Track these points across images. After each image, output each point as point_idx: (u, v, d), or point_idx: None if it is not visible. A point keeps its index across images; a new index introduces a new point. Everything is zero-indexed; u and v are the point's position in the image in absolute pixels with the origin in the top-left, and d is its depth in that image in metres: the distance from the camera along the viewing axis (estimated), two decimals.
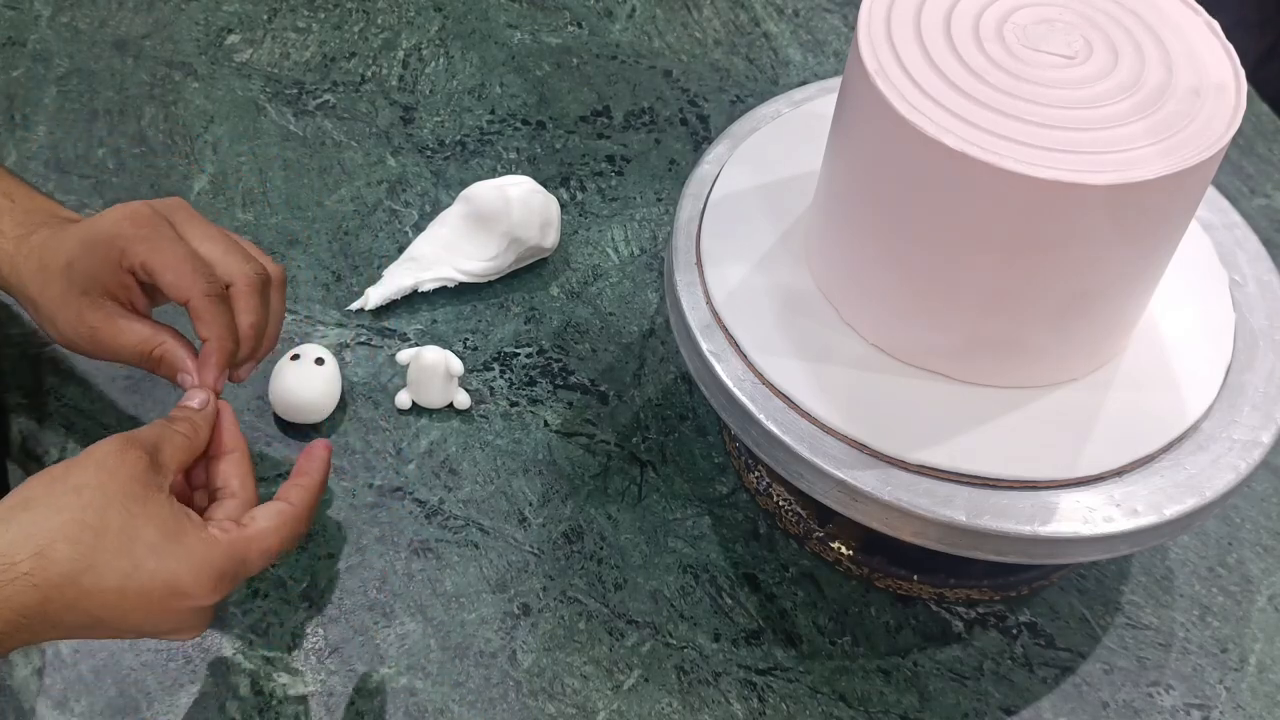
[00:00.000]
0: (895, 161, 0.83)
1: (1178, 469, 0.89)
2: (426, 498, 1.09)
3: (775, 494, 1.07)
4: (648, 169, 1.38)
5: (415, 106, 1.42)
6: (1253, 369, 0.95)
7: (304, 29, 1.50)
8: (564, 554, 1.06)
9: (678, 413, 1.16)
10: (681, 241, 1.01)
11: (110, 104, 1.39)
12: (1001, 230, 0.81)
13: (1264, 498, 1.14)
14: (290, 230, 1.28)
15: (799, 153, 1.05)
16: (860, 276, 0.92)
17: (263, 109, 1.40)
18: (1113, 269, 0.85)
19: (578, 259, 1.28)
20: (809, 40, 1.56)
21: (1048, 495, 0.87)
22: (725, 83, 1.49)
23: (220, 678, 0.97)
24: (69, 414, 1.12)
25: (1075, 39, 0.86)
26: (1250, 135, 1.48)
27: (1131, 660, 1.03)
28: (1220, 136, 0.80)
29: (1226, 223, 1.05)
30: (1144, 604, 1.06)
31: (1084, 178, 0.77)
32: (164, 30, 1.48)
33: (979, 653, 1.03)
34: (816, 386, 0.91)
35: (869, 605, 1.05)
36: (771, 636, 1.03)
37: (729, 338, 0.94)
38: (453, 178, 1.34)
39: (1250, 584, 1.08)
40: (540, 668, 0.99)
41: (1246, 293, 1.00)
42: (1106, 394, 0.93)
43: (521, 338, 1.21)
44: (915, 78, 0.82)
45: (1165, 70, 0.85)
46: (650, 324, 1.23)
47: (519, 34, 1.53)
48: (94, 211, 1.22)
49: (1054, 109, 0.82)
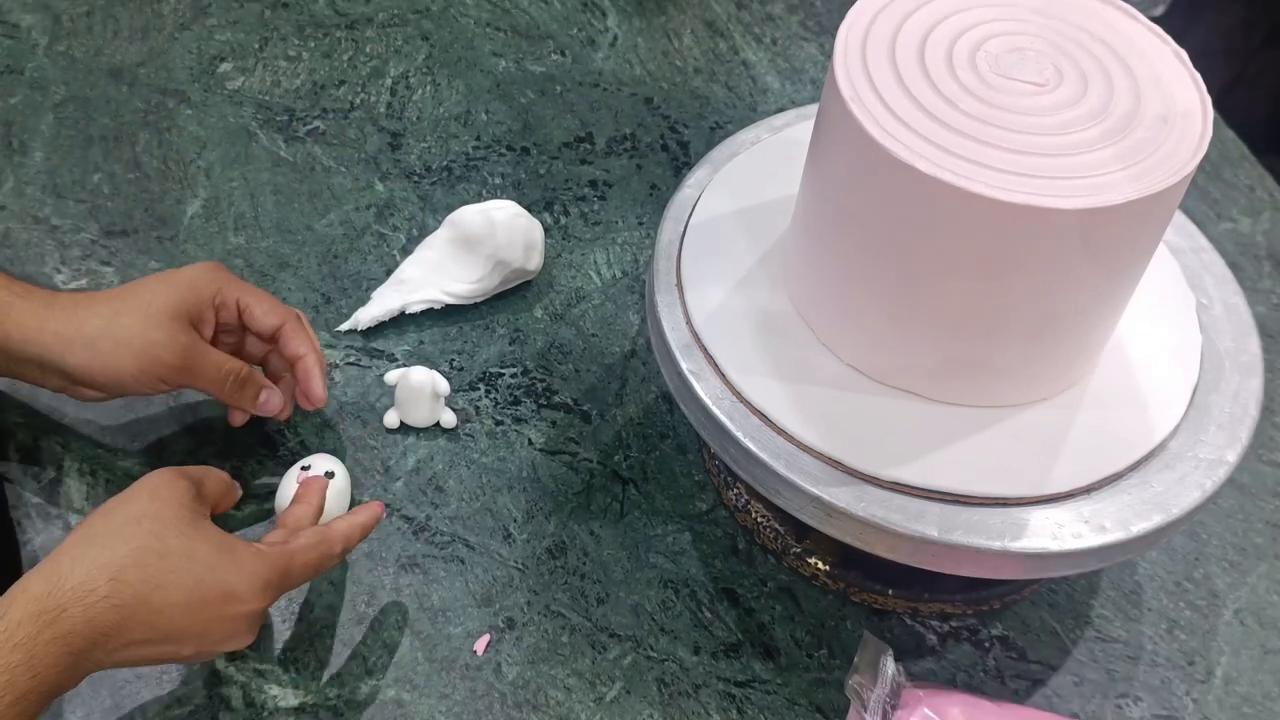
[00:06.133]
0: (870, 186, 0.84)
1: (1145, 487, 0.90)
2: (414, 514, 1.10)
3: (753, 510, 1.08)
4: (629, 194, 1.39)
5: (403, 133, 1.44)
6: (1219, 390, 0.96)
7: (294, 57, 1.52)
8: (548, 569, 1.08)
9: (658, 431, 1.18)
10: (662, 264, 1.02)
11: (105, 130, 1.41)
12: (973, 254, 0.82)
13: (1230, 514, 1.15)
14: (281, 253, 1.29)
15: (777, 177, 1.06)
16: (836, 298, 0.93)
17: (254, 135, 1.42)
18: (1082, 292, 0.86)
19: (561, 281, 1.30)
20: (786, 68, 1.57)
21: (1018, 512, 0.88)
22: (705, 109, 1.51)
23: (213, 690, 0.99)
24: (66, 433, 1.13)
25: (1046, 67, 0.87)
26: (1217, 161, 1.50)
27: (1101, 672, 1.04)
28: (1187, 162, 0.81)
29: (1194, 246, 1.05)
30: (1113, 618, 1.08)
31: (1055, 202, 0.78)
32: (158, 59, 1.49)
33: (952, 665, 1.04)
34: (793, 405, 0.92)
35: (845, 619, 1.06)
36: (750, 649, 1.04)
37: (708, 358, 0.95)
38: (439, 202, 1.36)
39: (1217, 598, 1.10)
40: (524, 680, 1.01)
41: (1213, 315, 1.01)
42: (1076, 413, 0.93)
43: (506, 358, 1.22)
44: (889, 104, 0.83)
45: (1134, 98, 0.86)
46: (632, 345, 1.24)
47: (504, 62, 1.54)
48: (91, 237, 1.26)
49: (1025, 135, 0.82)
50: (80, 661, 0.82)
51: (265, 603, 0.89)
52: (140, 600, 0.83)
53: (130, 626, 0.83)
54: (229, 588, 0.86)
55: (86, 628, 0.81)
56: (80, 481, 1.10)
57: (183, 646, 0.87)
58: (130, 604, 0.82)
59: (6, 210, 1.31)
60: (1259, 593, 1.10)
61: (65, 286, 1.24)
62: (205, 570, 0.86)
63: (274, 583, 0.89)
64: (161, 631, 0.84)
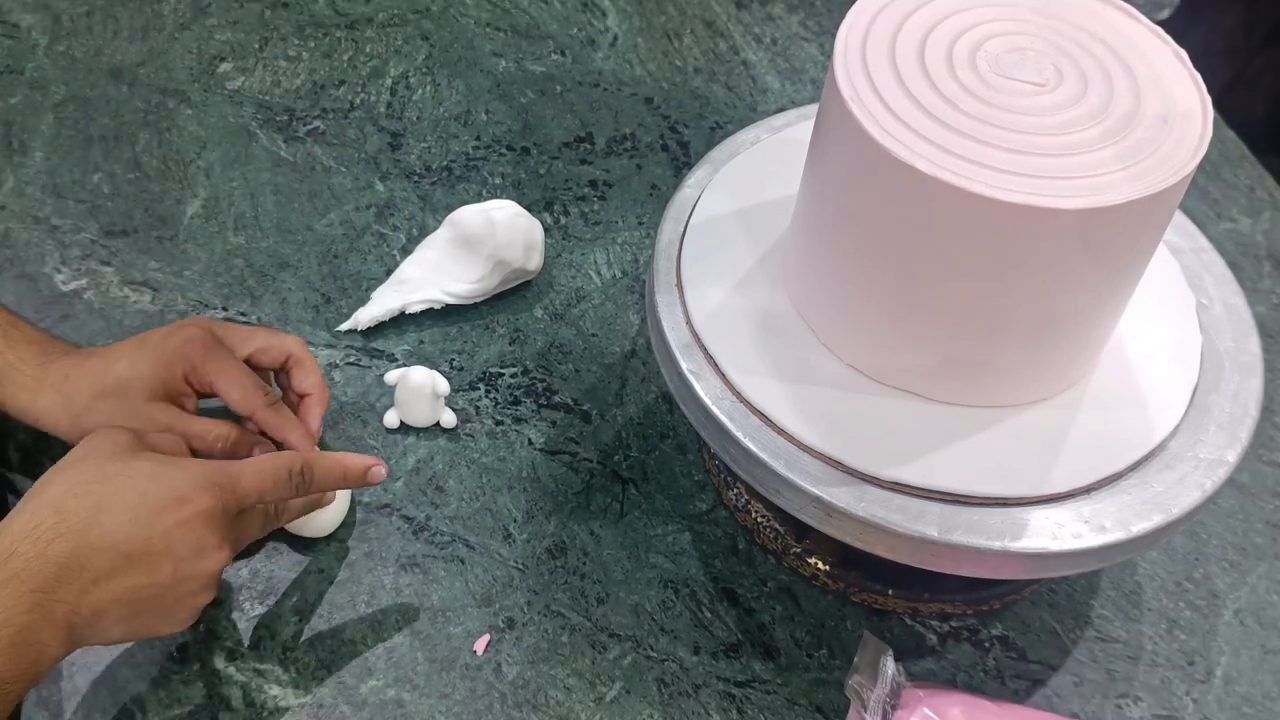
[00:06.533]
0: (869, 186, 0.84)
1: (1145, 487, 0.90)
2: (414, 514, 1.10)
3: (753, 510, 1.09)
4: (629, 194, 1.40)
5: (403, 133, 1.44)
6: (1219, 390, 0.96)
7: (294, 57, 1.52)
8: (548, 569, 1.08)
9: (658, 431, 1.18)
10: (662, 264, 1.02)
11: (105, 131, 1.41)
12: (973, 254, 0.82)
13: (1230, 514, 1.15)
14: (281, 253, 1.29)
15: (777, 177, 1.06)
16: (836, 298, 0.93)
17: (254, 135, 1.42)
18: (1082, 292, 0.86)
19: (561, 281, 1.30)
20: (786, 68, 1.58)
21: (1018, 512, 0.88)
22: (705, 109, 1.51)
23: (213, 689, 0.99)
24: None
25: (1046, 67, 0.87)
26: (1217, 161, 1.50)
27: (1101, 672, 1.05)
28: (1187, 162, 0.81)
29: (1194, 247, 1.06)
30: (1113, 618, 1.08)
31: (1055, 202, 0.77)
32: (158, 59, 1.50)
33: (952, 665, 1.04)
34: (793, 405, 0.92)
35: (845, 619, 1.06)
36: (750, 649, 1.04)
37: (708, 358, 0.95)
38: (439, 202, 1.36)
39: (1216, 598, 1.10)
40: (524, 680, 1.01)
41: (1213, 315, 1.01)
42: (1076, 413, 0.93)
43: (506, 358, 1.22)
44: (889, 104, 0.83)
45: (1134, 98, 0.86)
46: (632, 345, 1.25)
47: (504, 62, 1.54)
48: (91, 237, 1.25)
49: (1025, 135, 0.82)
50: (47, 602, 0.81)
51: (215, 502, 0.88)
52: (88, 523, 0.83)
53: (86, 554, 0.82)
54: (175, 491, 0.86)
55: (39, 563, 0.81)
56: None
57: (155, 571, 0.85)
58: (79, 529, 0.83)
59: (6, 210, 1.31)
60: (1259, 593, 1.10)
61: (65, 287, 1.24)
62: (147, 480, 0.86)
63: (222, 484, 0.89)
64: (122, 553, 0.84)
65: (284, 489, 0.93)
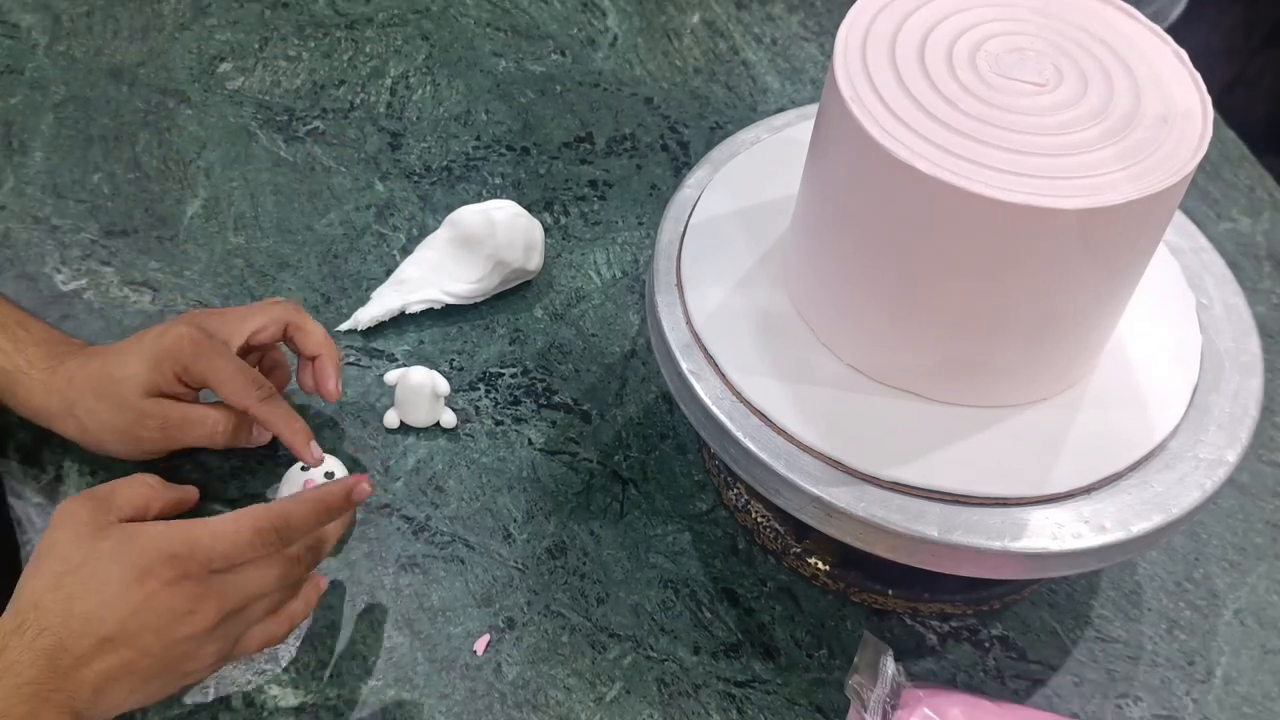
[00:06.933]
0: (869, 186, 0.84)
1: (1145, 487, 0.90)
2: (414, 514, 1.10)
3: (753, 510, 1.09)
4: (629, 194, 1.40)
5: (403, 133, 1.44)
6: (1219, 390, 0.96)
7: (294, 57, 1.52)
8: (548, 569, 1.08)
9: (658, 431, 1.18)
10: (662, 264, 1.02)
11: (105, 130, 1.41)
12: (973, 254, 0.82)
13: (1230, 514, 1.15)
14: (281, 253, 1.29)
15: (777, 177, 1.06)
16: (836, 298, 0.93)
17: (254, 135, 1.42)
18: (1082, 292, 0.86)
19: (561, 281, 1.30)
20: (786, 68, 1.58)
21: (1018, 512, 0.88)
22: (705, 110, 1.51)
23: (213, 691, 0.99)
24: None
25: (1046, 67, 0.87)
26: (1217, 161, 1.50)
27: (1101, 672, 1.05)
28: (1187, 162, 0.81)
29: (1194, 247, 1.06)
30: (1113, 618, 1.08)
31: (1055, 202, 0.77)
32: (158, 59, 1.50)
33: (952, 665, 1.04)
34: (793, 405, 0.92)
35: (845, 619, 1.06)
36: (750, 649, 1.04)
37: (708, 358, 0.95)
38: (439, 202, 1.36)
39: (1216, 598, 1.10)
40: (524, 680, 1.01)
41: (1213, 315, 1.01)
42: (1076, 413, 0.93)
43: (506, 358, 1.22)
44: (889, 104, 0.83)
45: (1134, 98, 0.86)
46: (632, 345, 1.25)
47: (504, 62, 1.54)
48: (91, 237, 1.25)
49: (1025, 135, 0.82)
50: (43, 691, 0.81)
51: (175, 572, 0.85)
52: (65, 616, 0.83)
53: (70, 644, 0.83)
54: (135, 568, 0.85)
55: (30, 654, 0.82)
56: (80, 481, 1.10)
57: (140, 645, 0.84)
58: (57, 624, 0.83)
59: (6, 210, 1.31)
60: (1259, 593, 1.10)
61: (65, 287, 1.24)
62: (110, 563, 0.85)
63: (180, 554, 0.85)
64: (101, 637, 0.83)
65: (255, 549, 0.89)
